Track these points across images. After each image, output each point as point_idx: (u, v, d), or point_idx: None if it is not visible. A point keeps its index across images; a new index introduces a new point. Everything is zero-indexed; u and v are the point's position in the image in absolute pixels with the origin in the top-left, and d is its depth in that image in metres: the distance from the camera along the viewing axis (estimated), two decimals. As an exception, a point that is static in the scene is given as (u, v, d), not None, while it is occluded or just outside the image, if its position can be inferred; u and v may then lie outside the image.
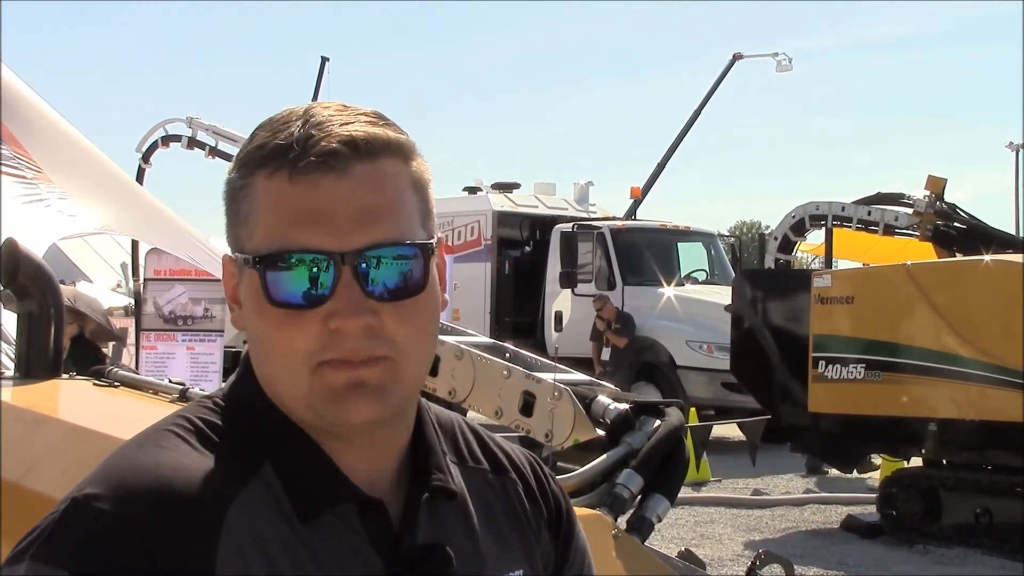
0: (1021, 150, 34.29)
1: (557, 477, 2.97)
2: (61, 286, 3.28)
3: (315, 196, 1.09)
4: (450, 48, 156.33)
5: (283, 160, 1.10)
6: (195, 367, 12.43)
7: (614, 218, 18.87)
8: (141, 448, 1.11)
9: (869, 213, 15.70)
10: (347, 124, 1.11)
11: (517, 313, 17.56)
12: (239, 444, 1.13)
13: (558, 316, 16.70)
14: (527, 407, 3.44)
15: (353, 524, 1.13)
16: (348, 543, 1.12)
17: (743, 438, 11.63)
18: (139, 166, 19.48)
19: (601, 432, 3.19)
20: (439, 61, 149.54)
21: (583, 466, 3.00)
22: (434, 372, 3.55)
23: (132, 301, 17.51)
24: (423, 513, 1.17)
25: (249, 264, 1.12)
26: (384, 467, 1.17)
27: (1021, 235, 22.61)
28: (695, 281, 17.20)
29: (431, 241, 1.15)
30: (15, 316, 3.16)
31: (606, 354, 15.51)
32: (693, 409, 13.34)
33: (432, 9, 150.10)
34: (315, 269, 1.09)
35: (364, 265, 1.09)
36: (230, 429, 1.14)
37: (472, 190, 19.27)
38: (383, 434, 1.16)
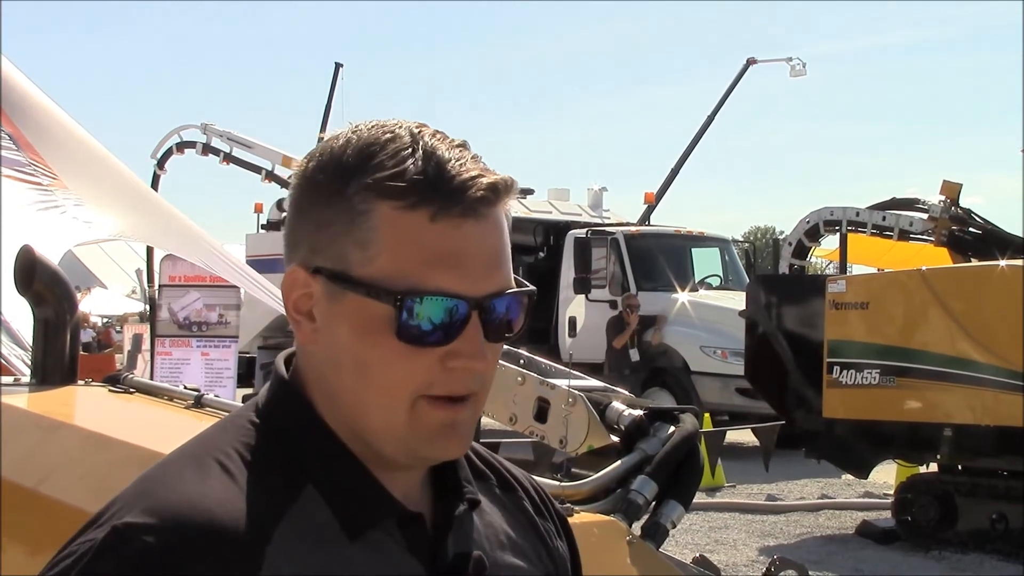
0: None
1: (572, 483, 2.97)
2: None
3: (455, 239, 1.11)
4: (462, 53, 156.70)
5: (423, 197, 1.10)
6: (209, 373, 12.49)
7: (628, 224, 18.86)
8: (183, 476, 1.11)
9: (884, 218, 15.67)
10: (474, 164, 1.13)
11: (531, 319, 17.49)
12: (279, 469, 1.14)
13: (572, 322, 16.66)
14: (541, 413, 3.43)
15: (395, 535, 1.15)
16: (391, 555, 1.14)
17: (757, 443, 11.62)
18: (154, 172, 19.53)
19: (615, 438, 3.19)
20: (451, 66, 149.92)
21: (597, 472, 3.00)
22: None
23: (147, 307, 17.56)
24: (453, 524, 1.20)
25: (372, 294, 1.11)
26: (416, 482, 1.20)
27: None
28: (709, 287, 17.15)
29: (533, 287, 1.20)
30: (31, 322, 3.17)
31: (634, 355, 15.38)
32: (707, 415, 13.32)
33: (445, 14, 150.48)
34: (451, 311, 1.11)
35: (491, 310, 1.14)
36: (269, 453, 1.15)
37: (486, 196, 19.19)
38: None
